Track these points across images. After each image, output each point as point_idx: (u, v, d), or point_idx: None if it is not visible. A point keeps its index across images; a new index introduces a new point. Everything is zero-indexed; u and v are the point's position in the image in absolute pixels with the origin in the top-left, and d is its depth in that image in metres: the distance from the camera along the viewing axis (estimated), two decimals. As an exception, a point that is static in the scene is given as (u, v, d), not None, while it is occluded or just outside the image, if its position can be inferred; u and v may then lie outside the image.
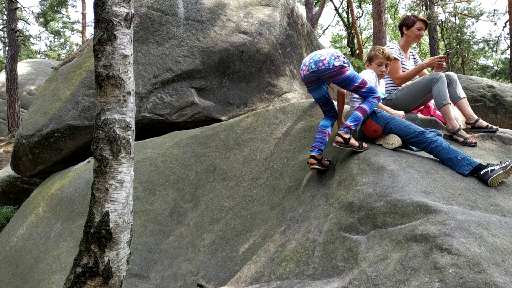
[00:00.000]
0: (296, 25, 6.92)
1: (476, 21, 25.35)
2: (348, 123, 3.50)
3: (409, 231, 2.50)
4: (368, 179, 3.06)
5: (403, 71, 4.39)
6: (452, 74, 4.08)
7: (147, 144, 5.05)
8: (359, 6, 27.37)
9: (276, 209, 3.65)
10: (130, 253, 2.53)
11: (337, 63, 3.55)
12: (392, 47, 4.49)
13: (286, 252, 3.06)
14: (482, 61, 27.56)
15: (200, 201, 4.28)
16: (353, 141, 3.44)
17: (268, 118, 4.67)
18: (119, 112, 2.36)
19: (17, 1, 14.85)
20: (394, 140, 3.45)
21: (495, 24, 24.46)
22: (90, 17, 39.15)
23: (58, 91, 5.78)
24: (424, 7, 17.52)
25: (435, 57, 4.16)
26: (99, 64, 2.32)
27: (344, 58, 3.63)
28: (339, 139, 3.41)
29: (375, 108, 3.61)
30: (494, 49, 22.42)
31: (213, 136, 4.84)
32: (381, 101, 3.82)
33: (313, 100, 4.67)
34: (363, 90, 3.62)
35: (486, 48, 25.31)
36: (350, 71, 3.59)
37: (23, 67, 16.89)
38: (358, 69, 17.37)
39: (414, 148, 3.52)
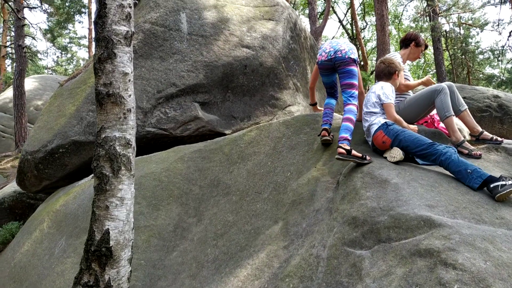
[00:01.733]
0: (299, 38, 6.95)
1: (481, 31, 25.37)
2: (344, 135, 3.67)
3: (413, 245, 2.46)
4: (372, 193, 3.03)
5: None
6: (452, 85, 4.06)
7: (151, 159, 5.05)
8: (363, 18, 27.50)
9: (279, 223, 3.62)
10: (131, 271, 2.52)
11: (352, 56, 4.05)
12: (396, 56, 4.50)
13: (290, 268, 3.03)
14: (488, 70, 27.49)
15: (204, 215, 4.26)
16: (355, 152, 3.48)
17: (271, 131, 4.67)
18: (120, 129, 2.37)
19: (25, 18, 15.08)
20: (396, 154, 3.43)
21: (500, 33, 24.37)
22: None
23: (63, 107, 5.83)
24: (428, 18, 17.55)
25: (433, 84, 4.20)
26: (99, 82, 2.34)
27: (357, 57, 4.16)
28: (341, 150, 3.46)
29: (387, 120, 3.61)
30: (500, 58, 22.36)
31: (217, 150, 4.84)
32: (394, 109, 3.84)
33: (316, 113, 4.68)
34: (352, 91, 4.02)
35: (492, 58, 25.24)
36: (356, 69, 4.09)
37: (30, 83, 17.08)
38: (363, 81, 17.38)
39: (419, 161, 3.49)
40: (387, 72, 3.99)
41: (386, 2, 10.04)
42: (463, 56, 23.39)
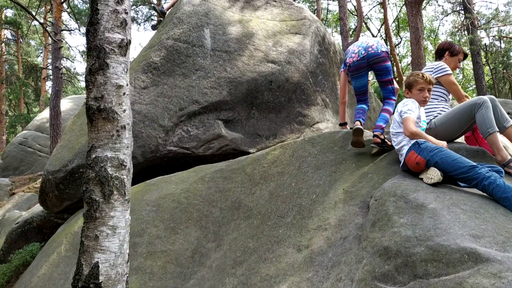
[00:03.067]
0: (328, 52, 6.66)
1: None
2: (380, 124, 3.83)
3: (455, 284, 2.09)
4: (406, 220, 2.66)
5: None
6: (494, 99, 3.64)
7: (171, 179, 4.84)
8: (397, 34, 26.94)
9: (303, 252, 3.28)
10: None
11: (384, 49, 4.02)
12: (444, 65, 4.11)
13: (313, 304, 2.69)
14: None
15: (224, 240, 3.97)
16: (389, 142, 3.55)
17: (296, 150, 4.36)
18: (112, 148, 2.13)
19: (61, 40, 15.50)
20: (434, 174, 3.04)
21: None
22: (132, 53, 40.69)
23: (85, 125, 5.73)
24: (466, 32, 16.89)
25: None
26: (90, 95, 2.11)
27: None
28: (377, 139, 3.58)
29: (419, 140, 3.25)
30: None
31: (239, 170, 4.57)
32: (424, 129, 3.49)
33: (344, 131, 4.34)
34: (392, 86, 4.08)
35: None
36: (389, 63, 4.06)
37: (65, 103, 17.48)
38: (399, 97, 16.81)
39: (461, 183, 3.10)
40: (407, 85, 3.65)
41: (421, 15, 9.63)
42: (505, 71, 22.38)
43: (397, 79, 19.96)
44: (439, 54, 4.32)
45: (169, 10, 6.76)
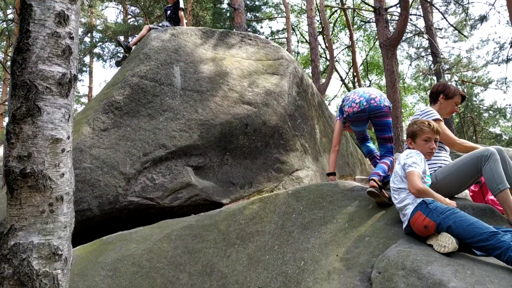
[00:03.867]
0: (306, 94, 6.26)
1: (485, 89, 25.06)
2: (377, 171, 3.64)
3: None
4: (425, 304, 2.13)
5: None
6: (501, 150, 3.25)
7: (131, 237, 4.16)
8: (366, 76, 27.42)
9: (292, 336, 2.67)
10: None
11: (387, 103, 3.83)
12: (432, 111, 3.70)
13: None
14: (496, 129, 27.02)
15: (193, 315, 3.30)
16: (385, 193, 3.33)
17: (278, 205, 3.80)
18: (41, 231, 1.48)
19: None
20: (448, 242, 2.55)
21: (505, 92, 24.10)
22: (97, 90, 39.80)
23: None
24: (435, 77, 17.18)
25: None
26: (11, 154, 1.47)
27: None
28: (373, 183, 3.33)
29: (427, 198, 2.77)
30: (508, 117, 21.87)
31: (211, 226, 3.95)
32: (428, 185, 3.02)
33: (332, 183, 3.84)
34: (391, 145, 3.94)
35: (498, 116, 24.77)
36: (391, 118, 3.91)
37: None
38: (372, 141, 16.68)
39: (477, 251, 2.61)
40: (410, 135, 3.20)
41: (396, 57, 9.51)
42: (469, 114, 22.92)
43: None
44: (433, 97, 3.94)
45: (135, 45, 6.24)
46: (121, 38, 24.52)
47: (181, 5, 6.90)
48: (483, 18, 19.16)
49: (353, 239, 3.09)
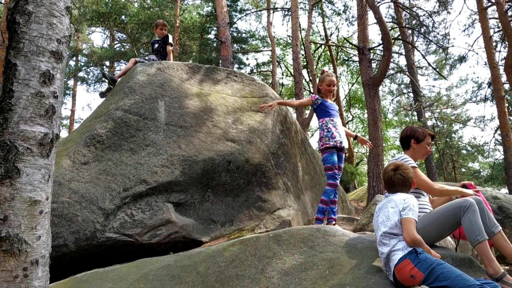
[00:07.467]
0: (290, 132, 6.31)
1: (464, 127, 25.68)
2: (318, 215, 4.67)
3: None
4: None
5: None
6: (480, 201, 3.30)
7: (107, 276, 4.03)
8: (348, 110, 27.84)
9: None
10: None
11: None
12: (407, 158, 3.74)
13: None
14: (475, 165, 27.55)
15: None
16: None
17: (258, 248, 3.76)
18: None
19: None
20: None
21: (483, 130, 24.75)
22: (80, 114, 39.51)
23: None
24: (416, 113, 17.55)
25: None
26: None
27: None
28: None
29: (417, 248, 2.76)
30: (485, 154, 22.36)
31: (190, 267, 3.87)
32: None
33: (314, 226, 3.83)
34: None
35: (476, 154, 25.31)
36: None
37: None
38: (351, 175, 16.81)
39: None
40: (407, 183, 3.21)
41: (378, 96, 9.71)
42: (448, 151, 23.36)
43: (347, 155, 20.18)
44: (405, 143, 3.98)
45: (120, 78, 6.23)
46: (106, 70, 24.52)
47: (170, 40, 6.96)
48: (462, 59, 19.84)
49: (335, 287, 3.05)
